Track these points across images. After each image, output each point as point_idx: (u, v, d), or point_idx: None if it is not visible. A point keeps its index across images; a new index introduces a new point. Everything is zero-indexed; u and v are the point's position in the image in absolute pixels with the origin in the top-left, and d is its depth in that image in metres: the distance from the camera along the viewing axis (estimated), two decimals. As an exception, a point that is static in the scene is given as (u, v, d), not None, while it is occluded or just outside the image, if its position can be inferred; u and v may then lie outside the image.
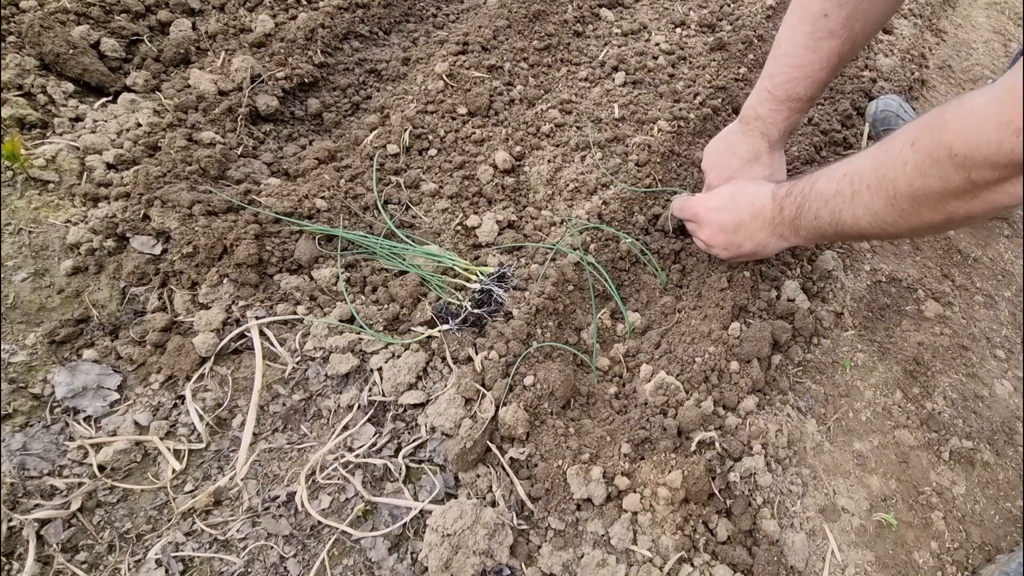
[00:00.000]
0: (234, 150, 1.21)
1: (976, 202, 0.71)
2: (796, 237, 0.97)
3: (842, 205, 0.85)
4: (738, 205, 1.03)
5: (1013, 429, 1.12)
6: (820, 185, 0.90)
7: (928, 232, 0.81)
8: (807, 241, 0.99)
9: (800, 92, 1.02)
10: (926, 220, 0.77)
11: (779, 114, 1.05)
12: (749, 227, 1.01)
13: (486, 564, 0.81)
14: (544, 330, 1.03)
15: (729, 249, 1.04)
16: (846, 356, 1.15)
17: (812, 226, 0.92)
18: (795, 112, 1.04)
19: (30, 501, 0.84)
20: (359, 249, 1.11)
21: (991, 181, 0.67)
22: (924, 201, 0.75)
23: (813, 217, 0.91)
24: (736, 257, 1.07)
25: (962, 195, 0.71)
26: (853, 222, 0.85)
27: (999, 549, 1.00)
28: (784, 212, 0.96)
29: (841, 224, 0.87)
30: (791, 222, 0.95)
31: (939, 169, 0.70)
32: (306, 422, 0.96)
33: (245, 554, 0.84)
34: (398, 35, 1.60)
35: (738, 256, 1.06)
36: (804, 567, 0.90)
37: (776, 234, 0.99)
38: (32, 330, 0.96)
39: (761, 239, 1.01)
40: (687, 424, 0.94)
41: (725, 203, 1.05)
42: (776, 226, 0.98)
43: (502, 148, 1.29)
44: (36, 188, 1.07)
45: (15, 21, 1.22)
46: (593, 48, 1.60)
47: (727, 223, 1.03)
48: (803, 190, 0.93)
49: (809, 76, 1.00)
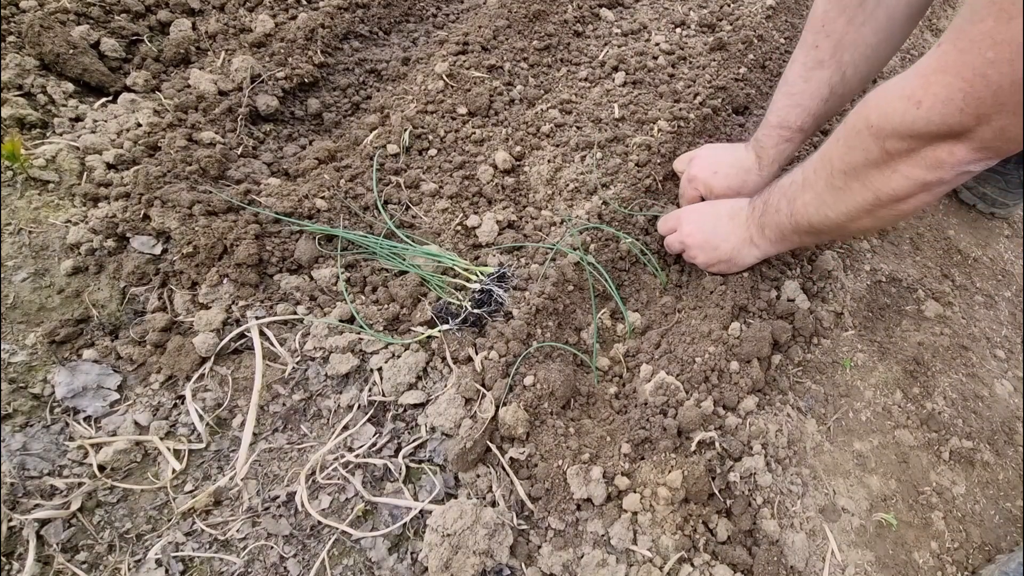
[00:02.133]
0: (234, 150, 1.21)
1: (896, 177, 0.77)
2: (763, 238, 1.02)
3: (795, 193, 0.93)
4: (718, 208, 1.10)
5: (1013, 429, 1.12)
6: (782, 180, 0.98)
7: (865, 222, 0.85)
8: (772, 244, 1.03)
9: (791, 120, 1.07)
10: (858, 200, 0.83)
11: (770, 139, 1.10)
12: (725, 227, 1.06)
13: (486, 564, 0.81)
14: (544, 330, 1.03)
15: (706, 250, 1.07)
16: (846, 356, 1.15)
17: (774, 222, 0.98)
18: (784, 140, 1.09)
19: (30, 501, 0.84)
20: (359, 249, 1.11)
21: (902, 151, 0.75)
22: (852, 175, 0.82)
23: (774, 211, 0.97)
24: (713, 262, 1.09)
25: (882, 166, 0.78)
26: (803, 209, 0.91)
27: (999, 549, 1.00)
28: (755, 211, 1.02)
29: (795, 214, 0.93)
30: (759, 220, 1.01)
31: (861, 141, 0.78)
32: (306, 422, 0.96)
33: (245, 554, 0.84)
34: (398, 35, 1.60)
35: (715, 261, 1.08)
36: (804, 567, 0.90)
37: (747, 237, 1.04)
38: (32, 330, 0.96)
39: (735, 242, 1.05)
40: (687, 424, 0.93)
41: (706, 208, 1.11)
42: (748, 227, 1.03)
43: (502, 148, 1.29)
44: (36, 188, 1.07)
45: (15, 21, 1.22)
46: (593, 48, 1.60)
47: (706, 222, 1.08)
48: (770, 188, 1.00)
49: (799, 105, 1.05)
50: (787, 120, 1.07)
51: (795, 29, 1.78)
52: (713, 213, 1.08)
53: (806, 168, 0.91)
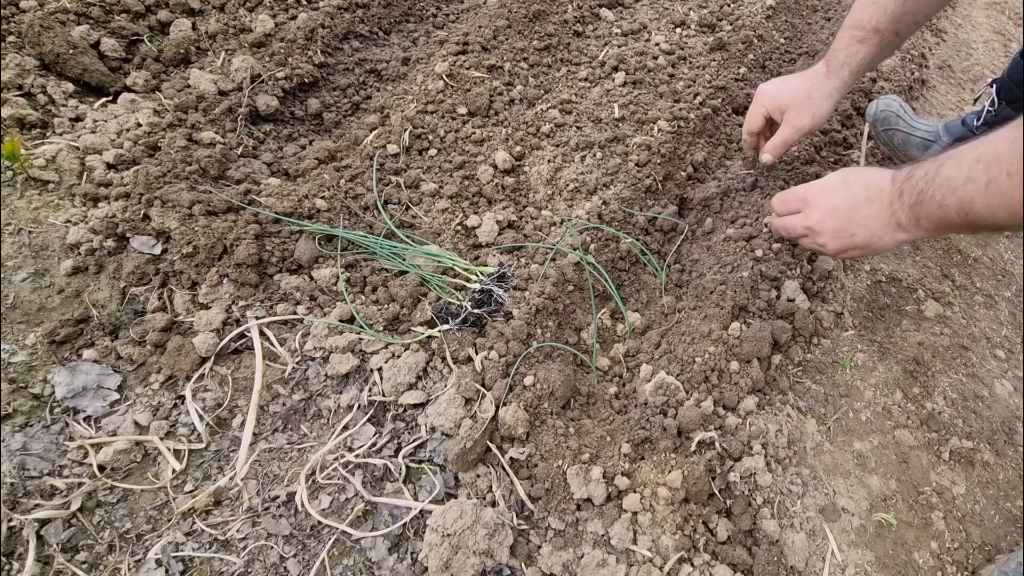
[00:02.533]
0: (234, 150, 1.21)
1: None
2: (916, 227, 0.89)
3: (974, 194, 0.78)
4: (851, 189, 0.95)
5: (1013, 429, 1.12)
6: (947, 170, 0.82)
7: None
8: (928, 233, 0.90)
9: (865, 19, 1.04)
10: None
11: (842, 40, 1.07)
12: (863, 212, 0.93)
13: (486, 564, 0.81)
14: (544, 330, 1.03)
15: (840, 238, 0.96)
16: (846, 356, 1.15)
17: (936, 215, 0.84)
18: (857, 41, 1.05)
19: (30, 501, 0.84)
20: (359, 249, 1.11)
21: None
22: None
23: (937, 206, 0.83)
24: (846, 249, 0.97)
25: None
26: (988, 213, 0.78)
27: (999, 549, 1.00)
28: (904, 197, 0.88)
29: (972, 215, 0.80)
30: (911, 209, 0.87)
31: None
32: (306, 422, 0.96)
33: (245, 554, 0.84)
34: (398, 35, 1.60)
35: (849, 248, 0.97)
36: (804, 567, 0.90)
37: (893, 222, 0.91)
38: (32, 330, 0.96)
39: (876, 227, 0.92)
40: (687, 424, 0.93)
41: (837, 186, 0.97)
42: (894, 213, 0.90)
43: (502, 148, 1.29)
44: (36, 188, 1.07)
45: (15, 21, 1.22)
46: (593, 48, 1.60)
47: (839, 207, 0.95)
48: (926, 175, 0.85)
49: (875, 3, 1.02)
50: (861, 20, 1.04)
51: (795, 29, 1.78)
52: (848, 195, 0.95)
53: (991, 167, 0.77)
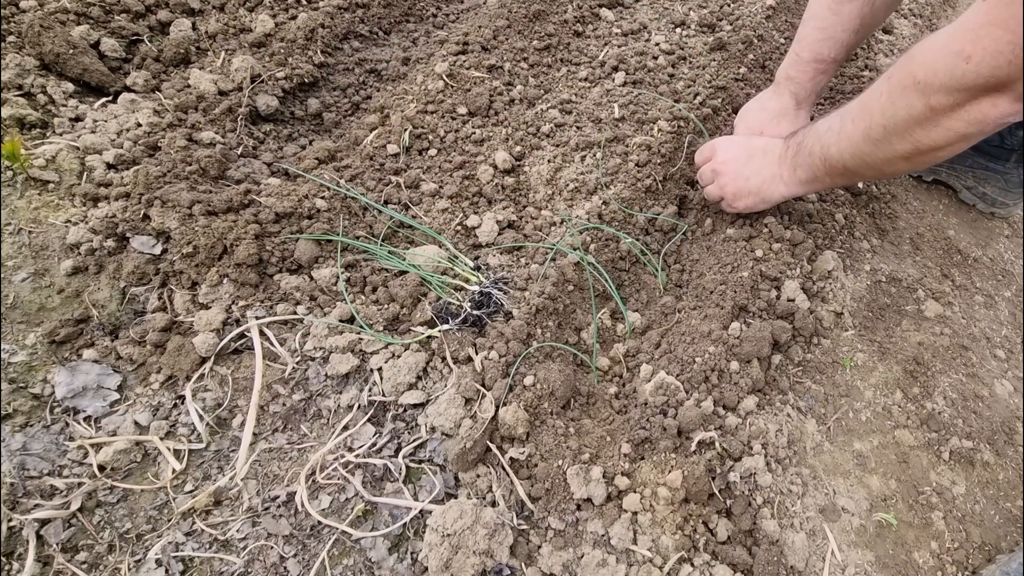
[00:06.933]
0: (234, 150, 1.22)
1: (937, 131, 0.80)
2: (793, 178, 1.05)
3: (831, 139, 0.95)
4: (753, 142, 1.14)
5: (1013, 429, 1.12)
6: (818, 124, 1.00)
7: (901, 166, 0.90)
8: (803, 184, 1.05)
9: (825, 53, 1.12)
10: (897, 150, 0.86)
11: (805, 74, 1.16)
12: (758, 161, 1.09)
13: (486, 564, 0.81)
14: (544, 330, 1.03)
15: (737, 180, 1.11)
16: (846, 356, 1.15)
17: (807, 163, 1.01)
18: (820, 73, 1.15)
19: (30, 501, 0.84)
20: (359, 249, 1.11)
21: (947, 107, 0.77)
22: (894, 129, 0.85)
23: (807, 153, 1.00)
24: (742, 193, 1.12)
25: (924, 122, 0.80)
26: (838, 155, 0.94)
27: (999, 549, 1.00)
28: (788, 150, 1.05)
29: (828, 159, 0.96)
30: (792, 159, 1.04)
31: (906, 97, 0.81)
32: (306, 422, 0.96)
33: (245, 554, 0.84)
34: (398, 35, 1.60)
35: (744, 192, 1.11)
36: (804, 567, 0.90)
37: (779, 173, 1.06)
38: (32, 330, 0.96)
39: (766, 175, 1.08)
40: (687, 424, 0.93)
41: (741, 140, 1.16)
42: (780, 164, 1.06)
43: (502, 148, 1.29)
44: (36, 188, 1.07)
45: (15, 21, 1.22)
46: (593, 48, 1.60)
47: (740, 154, 1.12)
48: (806, 130, 1.03)
49: (832, 38, 1.11)
50: (820, 54, 1.12)
51: (795, 29, 1.78)
52: (748, 145, 1.12)
53: (844, 116, 0.93)
